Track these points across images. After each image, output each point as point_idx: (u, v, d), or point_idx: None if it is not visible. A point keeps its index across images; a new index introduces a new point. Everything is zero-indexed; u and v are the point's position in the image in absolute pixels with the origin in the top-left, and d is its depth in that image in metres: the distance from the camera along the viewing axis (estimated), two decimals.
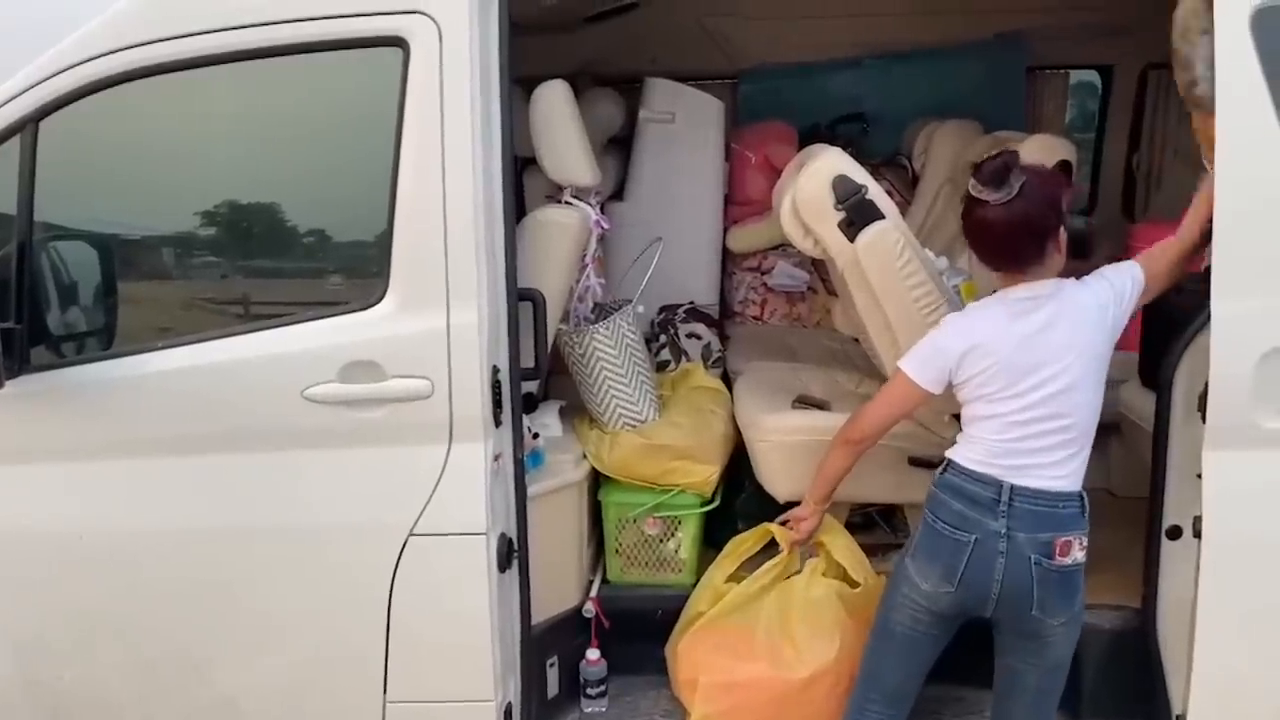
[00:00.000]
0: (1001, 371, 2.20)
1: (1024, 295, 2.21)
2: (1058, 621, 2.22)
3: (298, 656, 2.44)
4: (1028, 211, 2.14)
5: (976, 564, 2.21)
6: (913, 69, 4.76)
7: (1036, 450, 2.20)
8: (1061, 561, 2.18)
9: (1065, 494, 2.20)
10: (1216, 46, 2.12)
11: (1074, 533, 2.20)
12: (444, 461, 2.32)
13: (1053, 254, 2.21)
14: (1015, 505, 2.19)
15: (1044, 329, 2.18)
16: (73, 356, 2.39)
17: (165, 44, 2.25)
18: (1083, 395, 2.19)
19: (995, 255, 2.24)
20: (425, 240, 2.25)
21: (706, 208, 4.21)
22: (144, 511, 2.39)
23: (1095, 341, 2.21)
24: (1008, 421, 2.21)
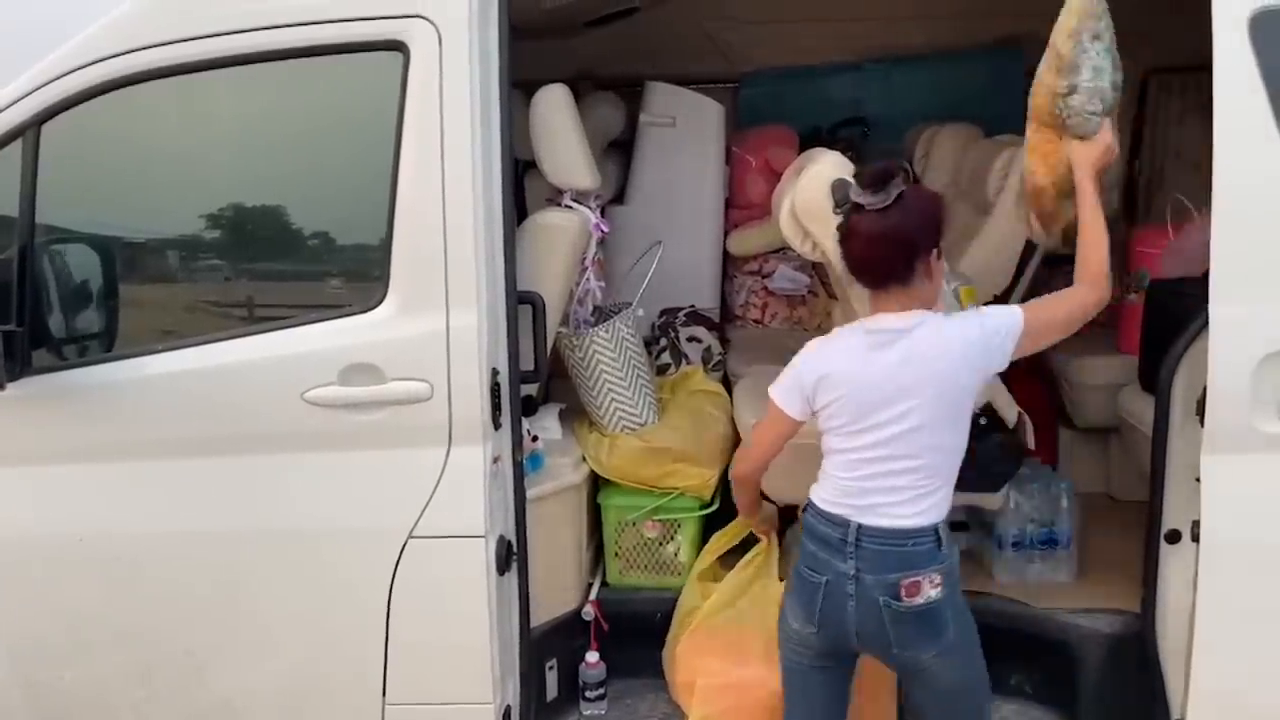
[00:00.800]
0: (849, 405, 2.10)
1: (884, 327, 2.10)
2: (928, 655, 2.11)
3: (297, 659, 2.44)
4: (901, 223, 2.05)
5: (829, 606, 2.12)
6: (913, 73, 4.76)
7: (884, 490, 2.09)
8: (911, 603, 2.06)
9: (915, 531, 2.08)
10: (1215, 49, 2.12)
11: (923, 571, 2.06)
12: (443, 464, 2.32)
13: (922, 278, 2.09)
14: (862, 545, 2.08)
15: (899, 364, 2.07)
16: (74, 359, 2.40)
17: (166, 48, 2.27)
18: (933, 437, 2.07)
19: (861, 266, 2.12)
20: (425, 243, 2.25)
21: (707, 211, 4.21)
22: (144, 514, 2.39)
23: (956, 381, 2.07)
24: (853, 459, 2.11)
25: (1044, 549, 3.02)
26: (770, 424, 2.27)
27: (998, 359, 2.10)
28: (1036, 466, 3.17)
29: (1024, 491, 3.02)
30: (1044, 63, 2.33)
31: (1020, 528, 3.02)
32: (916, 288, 2.10)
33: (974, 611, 2.90)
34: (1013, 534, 3.02)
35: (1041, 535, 3.02)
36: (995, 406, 2.83)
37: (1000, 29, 4.57)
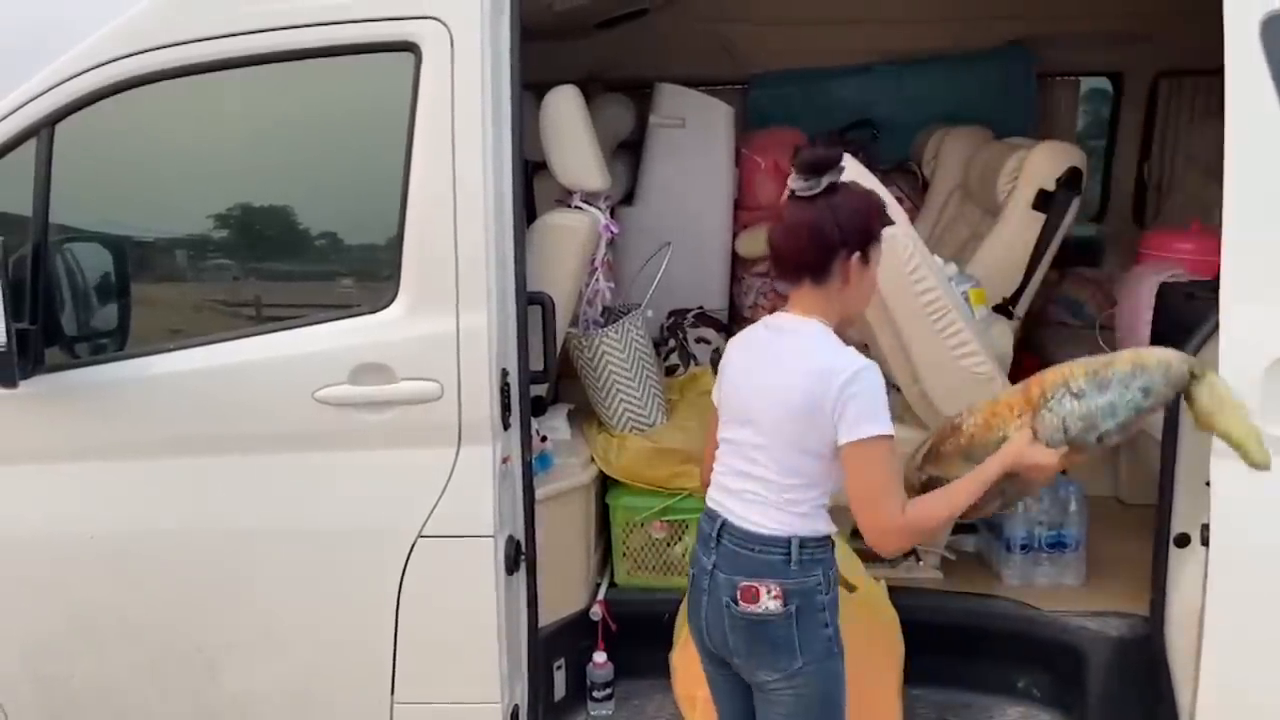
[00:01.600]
0: (726, 396, 2.06)
1: (778, 324, 2.01)
2: (770, 678, 1.98)
3: (306, 657, 2.45)
4: (826, 215, 1.91)
5: (693, 601, 2.08)
6: (923, 75, 4.76)
7: (740, 490, 2.01)
8: (746, 609, 1.95)
9: (767, 538, 1.96)
10: (1227, 53, 2.11)
11: (764, 580, 1.95)
12: (453, 464, 2.33)
13: (835, 279, 1.95)
14: (722, 543, 2.01)
15: (762, 368, 1.99)
16: (86, 357, 2.41)
17: (179, 48, 2.28)
18: (780, 456, 1.95)
19: (777, 253, 1.98)
20: (436, 244, 2.26)
21: (716, 212, 4.21)
22: (154, 512, 2.40)
23: (790, 416, 1.92)
24: (723, 450, 2.06)
25: (1052, 552, 3.02)
26: (710, 421, 2.20)
27: (815, 439, 1.91)
28: None
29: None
30: (1095, 358, 2.11)
31: (1028, 530, 3.02)
32: (830, 289, 1.96)
33: (981, 615, 2.93)
34: (1021, 536, 3.02)
35: (1050, 538, 3.02)
36: None
37: (1010, 31, 4.58)
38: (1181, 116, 4.70)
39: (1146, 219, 4.75)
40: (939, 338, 2.68)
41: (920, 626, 2.73)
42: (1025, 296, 3.58)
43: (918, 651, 2.71)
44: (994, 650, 2.91)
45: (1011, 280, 3.54)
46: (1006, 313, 3.49)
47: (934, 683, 2.87)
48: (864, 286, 2.01)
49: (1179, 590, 2.40)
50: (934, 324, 2.66)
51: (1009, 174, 3.58)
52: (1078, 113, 5.10)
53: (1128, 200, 4.85)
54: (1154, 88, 4.72)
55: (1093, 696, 2.76)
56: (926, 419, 2.86)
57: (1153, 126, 4.76)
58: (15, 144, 2.31)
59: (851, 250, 1.94)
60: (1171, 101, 4.73)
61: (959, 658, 2.89)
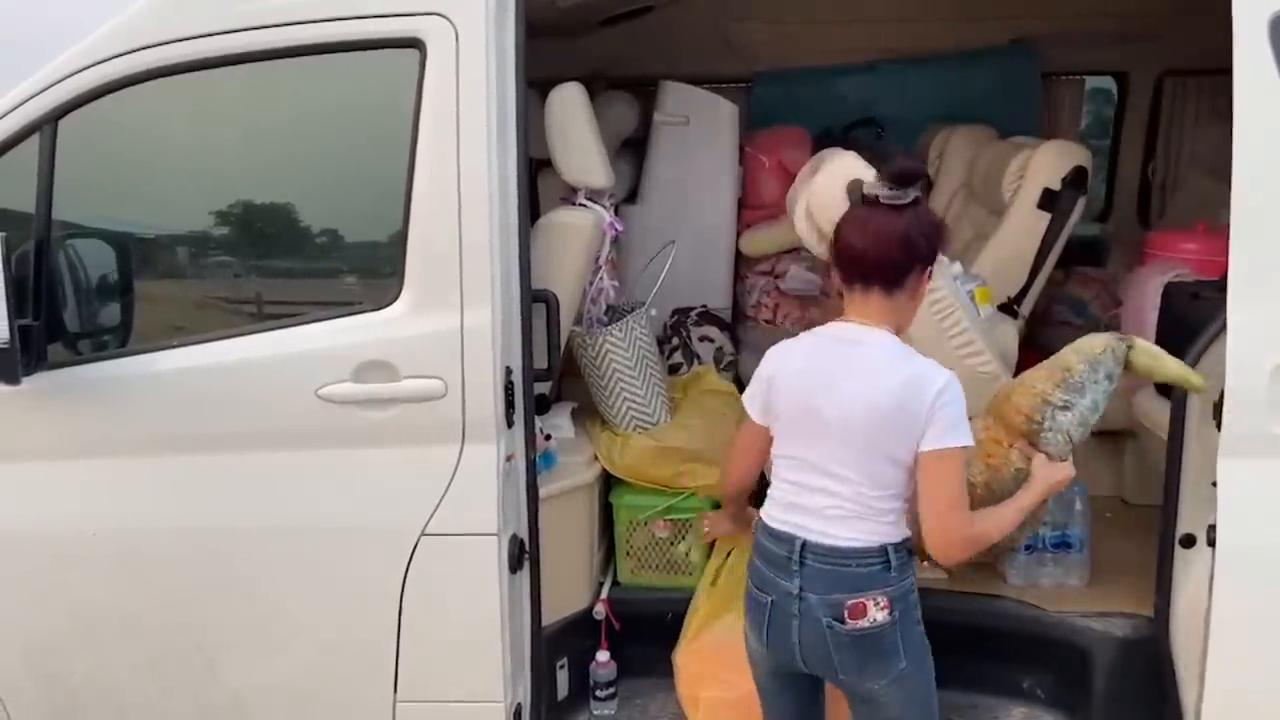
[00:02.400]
0: (791, 409, 2.04)
1: (846, 336, 2.01)
2: (879, 684, 2.02)
3: (308, 655, 2.45)
4: (915, 226, 1.96)
5: (776, 626, 2.05)
6: (927, 74, 4.75)
7: (819, 505, 2.00)
8: (856, 625, 1.96)
9: (859, 551, 1.97)
10: (1235, 52, 2.11)
11: (868, 593, 1.97)
12: (456, 462, 2.32)
13: (906, 290, 2.00)
14: (806, 564, 1.99)
15: (846, 374, 1.98)
16: (89, 354, 2.41)
17: (183, 44, 2.27)
18: (860, 461, 1.96)
19: (858, 256, 1.99)
20: (440, 241, 2.25)
21: (720, 211, 4.20)
22: (156, 509, 2.40)
23: (881, 434, 1.94)
24: (787, 466, 2.05)
25: (1057, 552, 3.01)
26: (742, 431, 2.21)
27: (903, 448, 1.94)
28: None
29: None
30: (1041, 371, 2.30)
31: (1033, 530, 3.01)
32: (898, 300, 2.01)
33: (985, 615, 2.92)
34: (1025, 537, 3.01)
35: (1055, 538, 3.01)
36: None
37: (1014, 30, 4.56)
38: (1186, 116, 4.69)
39: (1151, 219, 4.74)
40: (944, 337, 2.67)
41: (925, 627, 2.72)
42: (1030, 296, 3.57)
43: None
44: (998, 651, 2.90)
45: (1016, 280, 3.53)
46: (1011, 312, 3.48)
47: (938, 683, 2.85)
48: (919, 303, 2.07)
49: (1184, 591, 2.39)
50: (939, 323, 2.66)
51: (1014, 173, 3.57)
52: (1082, 112, 5.09)
53: (1132, 200, 4.84)
54: (1159, 87, 4.71)
55: (1097, 697, 2.75)
56: None
57: (1157, 126, 4.75)
58: (18, 140, 2.31)
59: (926, 264, 2.01)
60: (1176, 101, 4.72)
61: (963, 658, 2.87)
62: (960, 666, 2.88)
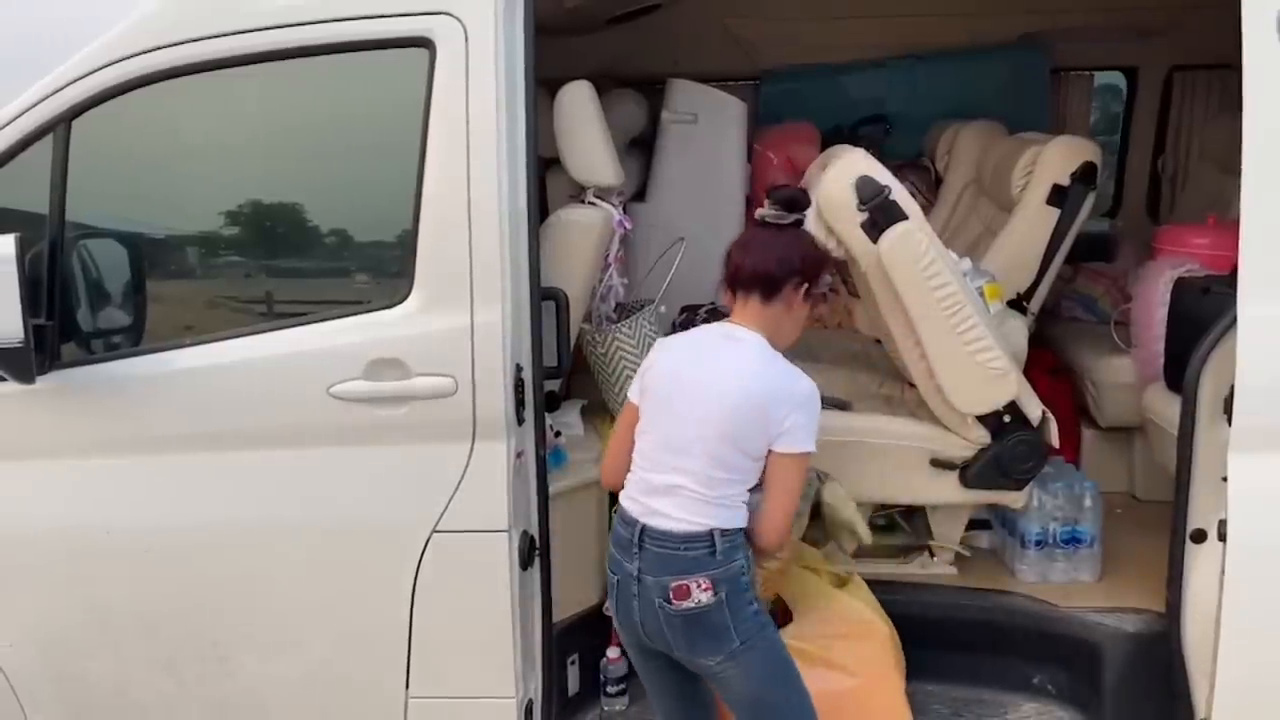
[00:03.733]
0: (657, 393, 2.19)
1: (728, 332, 2.20)
2: (714, 661, 2.13)
3: (321, 651, 2.46)
4: (793, 244, 2.21)
5: (622, 604, 2.19)
6: (936, 70, 4.75)
7: (664, 488, 2.13)
8: (680, 605, 2.09)
9: (689, 535, 2.10)
10: (1244, 48, 2.10)
11: (692, 576, 2.09)
12: (467, 459, 2.33)
13: (781, 306, 2.19)
14: (645, 547, 2.13)
15: (714, 366, 2.15)
16: (102, 353, 2.42)
17: (195, 44, 2.28)
18: (701, 447, 2.11)
19: (739, 266, 2.21)
20: (450, 239, 2.26)
21: (729, 208, 4.21)
22: (170, 507, 2.41)
23: (732, 413, 2.10)
24: (645, 449, 2.18)
25: (1067, 548, 3.01)
26: (620, 416, 2.34)
27: (757, 443, 2.11)
28: (1060, 465, 3.15)
29: (1047, 490, 3.01)
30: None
31: (1044, 526, 3.01)
32: (774, 309, 2.19)
33: (997, 610, 2.92)
34: (1036, 532, 3.01)
35: (1065, 534, 3.01)
36: (1019, 404, 2.82)
37: (1023, 26, 4.56)
38: (1196, 111, 4.67)
39: (1161, 214, 4.73)
40: (954, 333, 2.67)
41: (935, 623, 2.73)
42: (1040, 292, 3.57)
43: (932, 647, 2.70)
44: (1009, 646, 2.90)
45: (1026, 276, 3.52)
46: (1021, 308, 3.48)
47: (949, 679, 2.86)
48: (797, 318, 2.25)
49: (1195, 586, 2.38)
50: (949, 319, 2.65)
51: (1023, 169, 3.56)
52: (1091, 107, 5.07)
53: (1142, 195, 4.83)
54: (1168, 82, 4.69)
55: (1108, 692, 2.75)
56: (940, 415, 2.86)
57: (1167, 121, 4.74)
58: (31, 141, 2.32)
59: (802, 281, 2.20)
60: (1186, 96, 4.71)
61: (974, 654, 2.89)
62: (971, 662, 2.90)
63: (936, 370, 2.74)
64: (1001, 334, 2.87)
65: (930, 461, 2.88)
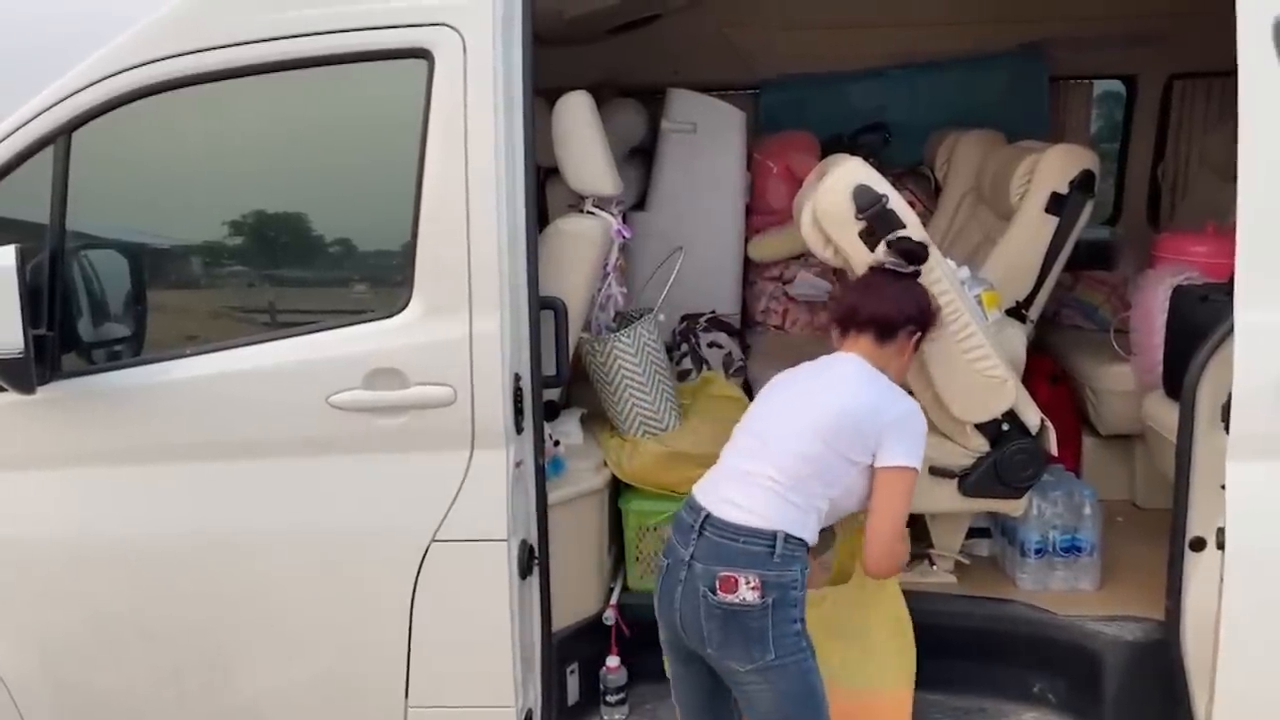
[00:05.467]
0: (765, 391, 2.33)
1: (829, 357, 2.34)
2: (743, 669, 2.12)
3: (320, 661, 2.46)
4: (909, 293, 2.37)
5: (665, 591, 2.20)
6: (935, 79, 4.75)
7: (738, 478, 2.19)
8: (724, 598, 2.08)
9: (752, 530, 2.12)
10: (1239, 55, 2.11)
11: (744, 570, 2.09)
12: (466, 468, 2.33)
13: (894, 349, 2.32)
14: (704, 534, 2.14)
15: (819, 376, 2.29)
16: (103, 363, 2.43)
17: (195, 56, 2.29)
18: (793, 445, 2.17)
19: (856, 308, 2.33)
20: (449, 249, 2.27)
21: (728, 217, 4.21)
22: (170, 516, 2.41)
23: (828, 421, 2.17)
24: (743, 432, 2.28)
25: (1067, 556, 3.01)
26: None
27: (858, 451, 2.17)
28: (1060, 473, 3.15)
29: (1047, 498, 3.01)
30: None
31: (1043, 534, 3.01)
32: (887, 350, 2.32)
33: (996, 619, 2.92)
34: (1035, 541, 3.01)
35: (1065, 542, 3.01)
36: (1018, 412, 2.83)
37: (1022, 35, 4.56)
38: (1195, 119, 4.68)
39: (1161, 221, 4.73)
40: (952, 341, 2.67)
41: (935, 631, 2.72)
42: (1039, 300, 3.56)
43: (933, 656, 2.70)
44: (1009, 655, 2.90)
45: (1025, 284, 3.52)
46: (1020, 316, 3.47)
47: (949, 687, 2.86)
48: (904, 365, 2.38)
49: (1194, 594, 2.39)
50: (947, 327, 2.65)
51: (1022, 177, 3.57)
52: (1091, 116, 5.08)
53: (1141, 203, 4.83)
54: (1167, 90, 4.70)
55: (1108, 701, 2.75)
56: (939, 423, 2.86)
57: (1166, 129, 4.74)
58: (33, 151, 2.33)
59: (916, 330, 2.36)
60: (1185, 104, 4.71)
61: (974, 662, 2.88)
62: (971, 670, 2.89)
63: (935, 378, 2.74)
64: (1000, 342, 2.87)
65: (929, 469, 2.88)
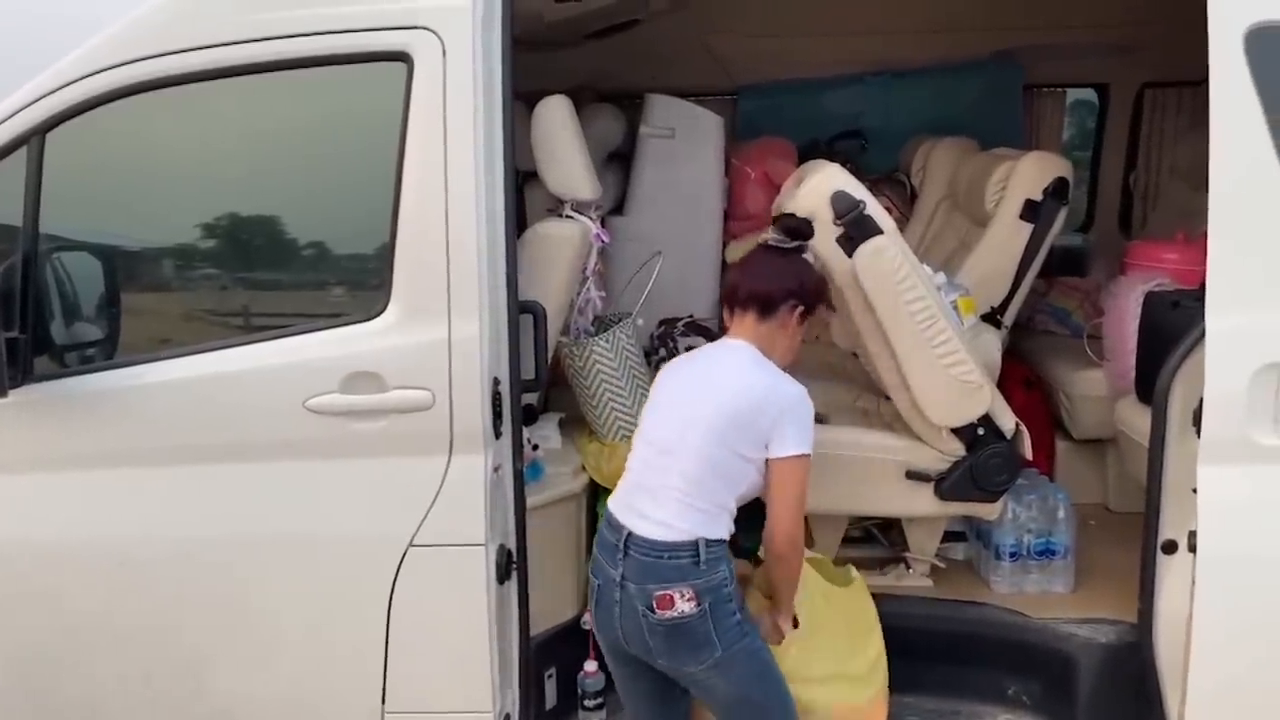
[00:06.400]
0: (659, 392, 2.32)
1: (716, 344, 2.35)
2: (696, 669, 2.17)
3: (297, 666, 2.45)
4: (791, 269, 2.35)
5: (603, 609, 2.23)
6: (911, 86, 4.79)
7: (652, 487, 2.20)
8: (664, 615, 2.13)
9: (673, 545, 2.15)
10: (1211, 64, 2.14)
11: (676, 585, 2.13)
12: (444, 473, 2.33)
13: (775, 324, 2.30)
14: (630, 554, 2.17)
15: (709, 372, 2.28)
16: (76, 366, 2.41)
17: (171, 58, 2.28)
18: (694, 448, 2.17)
19: (737, 285, 2.34)
20: (427, 252, 2.27)
21: (706, 222, 4.23)
22: (144, 521, 2.39)
23: (723, 419, 2.18)
24: (644, 443, 2.26)
25: (1041, 559, 3.04)
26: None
27: (752, 449, 2.18)
28: (1034, 477, 3.18)
29: (1021, 502, 3.04)
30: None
31: (1018, 538, 3.03)
32: (769, 327, 2.31)
33: (971, 622, 2.94)
34: (1010, 544, 3.03)
35: (1039, 546, 3.04)
36: (993, 416, 2.85)
37: (997, 43, 4.60)
38: (1167, 127, 4.74)
39: (1133, 229, 4.78)
40: (928, 346, 2.69)
41: (910, 634, 2.74)
42: (1013, 305, 3.60)
43: (907, 659, 2.71)
44: (984, 658, 2.92)
45: (1000, 289, 3.56)
46: (995, 322, 3.51)
47: (924, 690, 2.87)
48: (792, 339, 2.36)
49: (1167, 596, 2.41)
50: (923, 332, 2.68)
51: (996, 184, 3.60)
52: (1064, 123, 5.13)
53: (1114, 210, 4.88)
54: (1139, 99, 4.76)
55: (1082, 702, 2.78)
56: (915, 427, 2.88)
57: (1138, 137, 4.80)
58: (6, 153, 2.31)
59: (798, 304, 2.32)
60: (1157, 112, 4.77)
61: (949, 665, 2.90)
62: (946, 673, 2.91)
63: (911, 383, 2.76)
64: (975, 347, 2.89)
65: (905, 474, 2.90)
